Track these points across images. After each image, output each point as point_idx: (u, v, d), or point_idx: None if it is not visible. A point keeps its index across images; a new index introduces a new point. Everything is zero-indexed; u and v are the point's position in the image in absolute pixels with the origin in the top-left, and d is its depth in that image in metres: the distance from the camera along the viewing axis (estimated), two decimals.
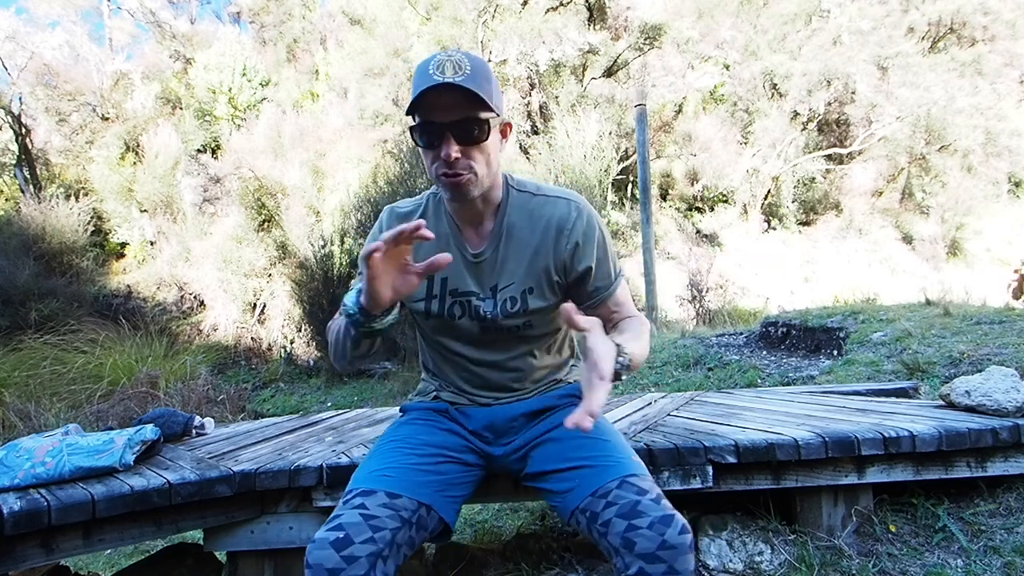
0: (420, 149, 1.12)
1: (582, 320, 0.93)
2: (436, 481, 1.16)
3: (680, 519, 1.00)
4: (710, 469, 1.51)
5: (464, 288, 1.22)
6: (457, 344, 1.27)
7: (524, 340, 1.27)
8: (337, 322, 1.18)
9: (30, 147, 12.23)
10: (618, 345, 1.01)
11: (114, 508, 1.35)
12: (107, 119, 12.93)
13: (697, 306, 8.30)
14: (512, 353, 1.27)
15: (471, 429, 1.29)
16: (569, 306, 0.94)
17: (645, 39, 13.24)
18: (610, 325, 1.27)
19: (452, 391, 1.33)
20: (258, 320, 10.16)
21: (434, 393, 1.36)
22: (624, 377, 1.06)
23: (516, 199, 1.22)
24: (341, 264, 8.09)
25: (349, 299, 1.06)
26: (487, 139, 1.10)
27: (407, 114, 1.08)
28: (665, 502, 1.03)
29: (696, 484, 1.51)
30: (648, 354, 1.19)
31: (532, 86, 12.96)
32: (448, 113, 1.05)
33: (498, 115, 1.12)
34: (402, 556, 1.07)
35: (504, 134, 1.18)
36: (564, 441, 1.19)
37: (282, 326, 9.86)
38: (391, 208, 1.29)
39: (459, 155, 1.07)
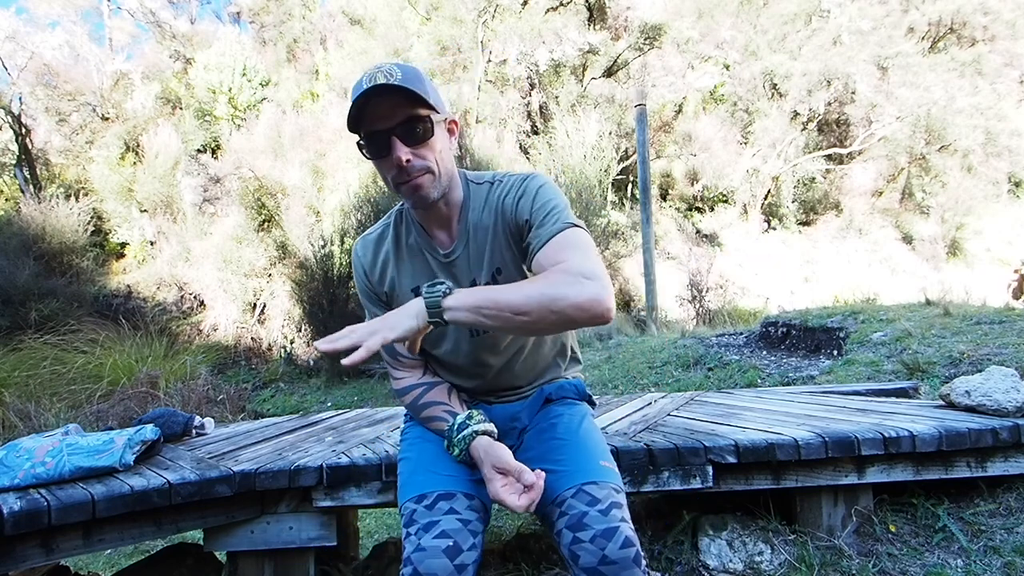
0: (373, 163, 1.11)
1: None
2: (481, 481, 1.15)
3: (624, 532, 0.97)
4: (710, 469, 1.51)
5: None
6: (453, 354, 1.25)
7: (510, 337, 1.24)
8: (430, 420, 1.21)
9: (30, 147, 12.23)
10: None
11: (114, 508, 1.35)
12: (107, 119, 12.93)
13: (697, 306, 8.30)
14: (506, 354, 1.25)
15: None
16: None
17: (645, 39, 13.25)
18: None
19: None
20: (258, 320, 10.16)
21: None
22: (446, 311, 0.97)
23: (476, 193, 1.20)
24: (341, 264, 8.10)
25: (457, 448, 1.12)
26: (433, 136, 1.08)
27: (351, 131, 1.07)
28: (614, 512, 1.00)
29: (696, 484, 1.51)
30: (543, 298, 0.94)
31: (532, 86, 12.97)
32: (389, 119, 1.05)
33: (439, 112, 1.10)
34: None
35: (451, 131, 1.15)
36: (541, 443, 1.19)
37: (282, 326, 9.87)
38: (362, 238, 1.28)
39: (410, 157, 1.05)
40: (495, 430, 1.13)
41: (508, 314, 0.95)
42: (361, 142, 1.09)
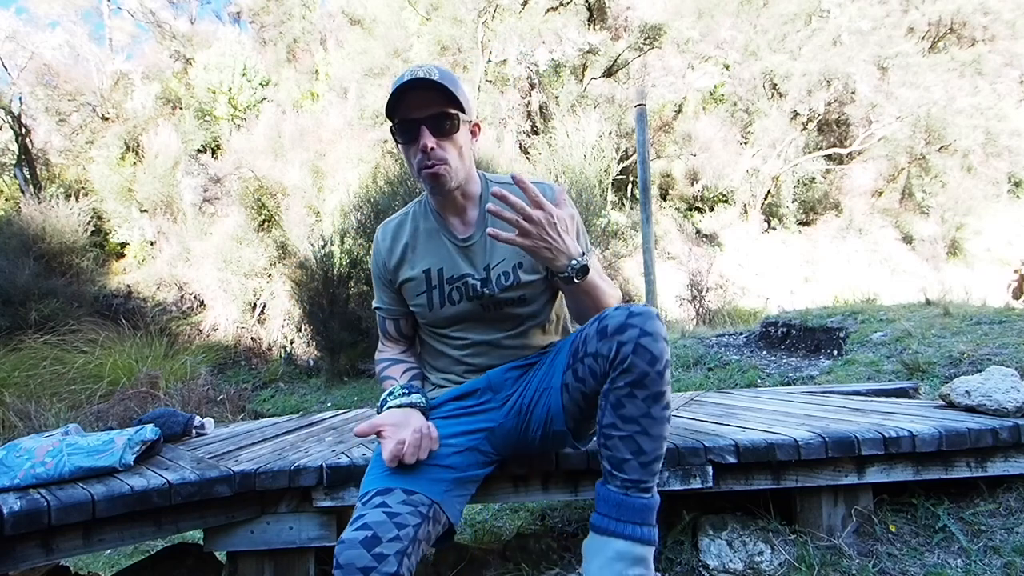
0: (401, 147, 1.25)
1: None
2: (447, 479, 1.20)
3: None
4: (710, 469, 1.51)
5: (459, 272, 1.31)
6: (458, 331, 1.33)
7: (520, 319, 1.34)
8: (381, 380, 1.41)
9: (30, 147, 12.23)
10: (583, 254, 1.18)
11: (114, 508, 1.35)
12: (107, 119, 12.93)
13: (697, 306, 8.30)
14: (511, 332, 1.34)
15: (470, 391, 1.34)
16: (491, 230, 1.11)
17: (645, 39, 13.24)
18: None
19: (452, 378, 1.38)
20: (258, 320, 10.16)
21: (432, 390, 1.41)
22: (576, 280, 1.16)
23: (494, 190, 1.29)
24: (341, 264, 8.09)
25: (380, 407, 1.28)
26: (458, 132, 1.22)
27: (388, 117, 1.22)
28: None
29: (696, 484, 1.51)
30: (610, 298, 1.28)
31: (532, 86, 12.96)
32: (422, 110, 1.19)
33: (467, 113, 1.24)
34: (421, 551, 1.10)
35: (474, 133, 1.31)
36: (553, 388, 1.24)
37: (282, 326, 9.86)
38: (383, 225, 1.41)
39: (435, 145, 1.19)
40: (421, 403, 1.27)
41: (594, 294, 1.22)
42: (394, 128, 1.23)
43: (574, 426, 1.22)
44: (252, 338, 9.92)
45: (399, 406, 1.24)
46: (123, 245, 11.61)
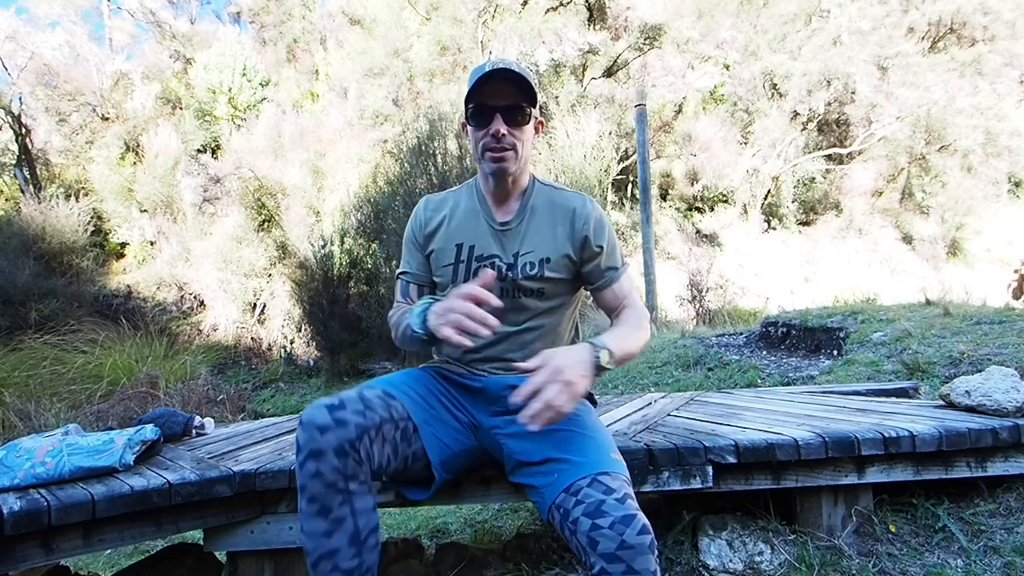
0: (471, 129, 1.33)
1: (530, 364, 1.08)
2: (429, 415, 1.26)
3: (641, 520, 1.02)
4: (710, 469, 1.51)
5: (489, 252, 1.38)
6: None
7: (534, 313, 1.37)
8: (402, 323, 1.34)
9: (30, 147, 12.23)
10: (591, 343, 1.15)
11: (114, 508, 1.35)
12: (107, 119, 12.93)
13: (697, 306, 8.29)
14: (521, 326, 1.37)
15: (465, 387, 1.38)
16: (521, 364, 1.09)
17: (645, 39, 13.24)
18: (614, 314, 1.42)
19: (454, 368, 1.42)
20: (258, 320, 10.16)
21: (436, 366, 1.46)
22: (608, 368, 1.16)
23: (539, 188, 1.43)
24: (341, 264, 8.10)
25: (416, 322, 1.21)
26: (528, 124, 1.32)
27: (467, 102, 1.30)
28: (630, 502, 1.05)
29: (696, 484, 1.51)
30: (644, 343, 1.33)
31: None
32: (500, 99, 1.28)
33: (535, 110, 1.33)
34: (387, 455, 1.13)
35: (537, 130, 1.39)
36: (547, 434, 1.22)
37: (282, 326, 9.87)
38: (428, 198, 1.48)
39: (506, 132, 1.28)
40: None
41: (631, 359, 1.27)
42: (468, 112, 1.31)
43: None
44: (252, 338, 9.93)
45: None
46: (123, 245, 11.61)
